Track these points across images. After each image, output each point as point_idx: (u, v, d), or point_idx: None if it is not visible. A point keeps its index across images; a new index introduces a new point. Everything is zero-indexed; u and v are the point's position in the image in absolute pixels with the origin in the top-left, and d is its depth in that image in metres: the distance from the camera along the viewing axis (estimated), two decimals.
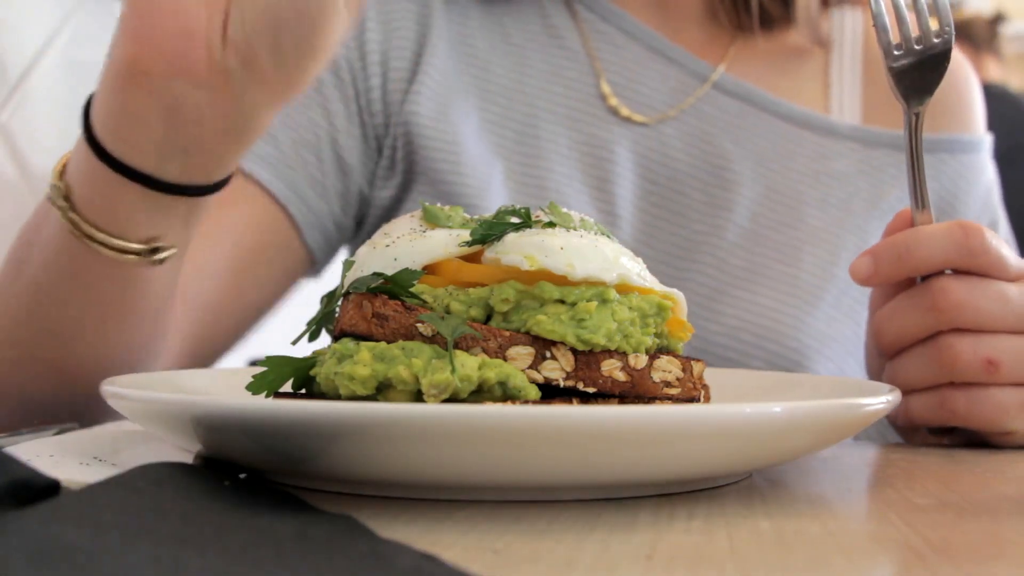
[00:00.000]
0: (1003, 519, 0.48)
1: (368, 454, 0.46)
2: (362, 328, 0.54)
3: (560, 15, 1.05)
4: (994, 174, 1.09)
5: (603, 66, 1.03)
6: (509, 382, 0.51)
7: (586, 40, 1.04)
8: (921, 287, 0.70)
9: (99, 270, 0.68)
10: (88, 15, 1.12)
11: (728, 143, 1.01)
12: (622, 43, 1.04)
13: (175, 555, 0.34)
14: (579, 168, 0.99)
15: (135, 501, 0.40)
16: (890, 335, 0.71)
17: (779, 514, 0.48)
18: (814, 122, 1.03)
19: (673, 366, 0.55)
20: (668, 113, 1.02)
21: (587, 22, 1.05)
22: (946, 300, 0.68)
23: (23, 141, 1.00)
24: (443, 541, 0.42)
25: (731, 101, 1.03)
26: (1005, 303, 0.68)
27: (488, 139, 0.99)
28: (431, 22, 1.01)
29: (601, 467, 0.47)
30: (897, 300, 0.71)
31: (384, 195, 1.00)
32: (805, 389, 0.67)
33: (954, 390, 0.69)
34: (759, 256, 0.96)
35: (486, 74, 1.02)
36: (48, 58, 1.05)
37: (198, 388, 0.66)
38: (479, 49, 1.03)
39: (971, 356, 0.68)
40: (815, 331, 0.92)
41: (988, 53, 3.37)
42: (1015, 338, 0.69)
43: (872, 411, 0.53)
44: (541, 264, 0.55)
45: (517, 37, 1.04)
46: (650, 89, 1.03)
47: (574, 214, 0.60)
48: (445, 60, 1.01)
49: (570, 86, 1.02)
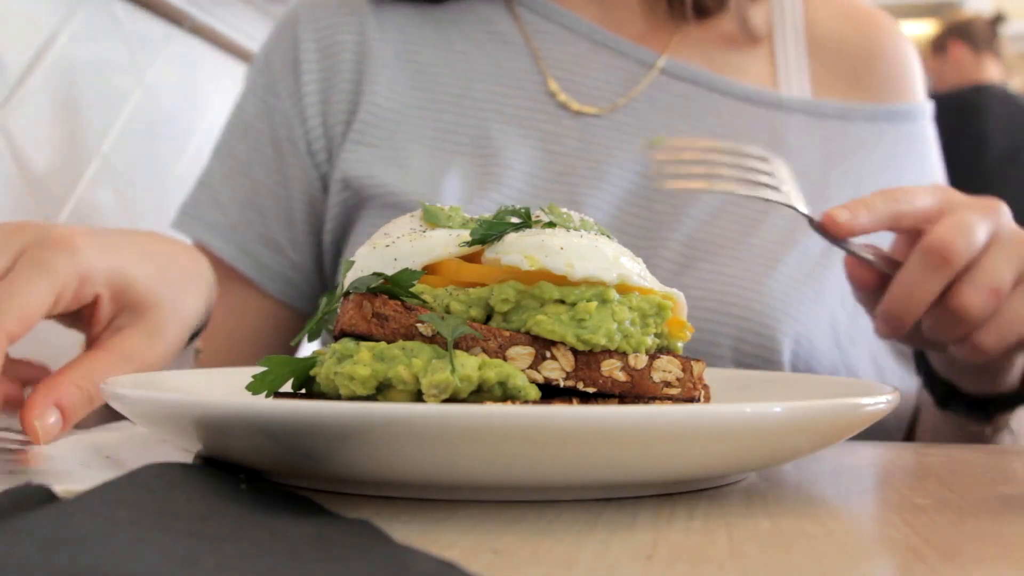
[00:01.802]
0: (1003, 519, 0.48)
1: (368, 454, 0.46)
2: (362, 328, 0.54)
3: (502, 19, 1.07)
4: (935, 139, 1.11)
5: (548, 64, 1.05)
6: (509, 382, 0.51)
7: (529, 40, 1.05)
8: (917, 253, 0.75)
9: None
10: (88, 15, 1.12)
11: (682, 125, 1.02)
12: (565, 39, 1.06)
13: (190, 549, 0.34)
14: (536, 164, 1.00)
15: (149, 500, 0.40)
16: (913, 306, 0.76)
17: (779, 514, 0.48)
18: (764, 98, 1.05)
19: (673, 366, 0.55)
20: (618, 103, 1.03)
21: (529, 23, 1.06)
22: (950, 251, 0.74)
23: (23, 141, 1.00)
24: (443, 541, 0.42)
25: (680, 85, 1.04)
26: (975, 229, 0.75)
27: (443, 147, 1.00)
28: (369, 49, 1.04)
29: (601, 467, 0.47)
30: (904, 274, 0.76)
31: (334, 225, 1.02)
32: (805, 389, 0.67)
33: (978, 332, 0.76)
34: (719, 229, 0.97)
35: (435, 84, 1.03)
36: (48, 58, 1.05)
37: (198, 388, 0.66)
38: (425, 62, 1.04)
39: (979, 300, 0.74)
40: (778, 293, 0.94)
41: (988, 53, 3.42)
42: (996, 254, 0.75)
43: (872, 411, 0.53)
44: (541, 264, 0.55)
45: (461, 45, 1.05)
46: (598, 81, 1.04)
47: (574, 214, 0.60)
48: (392, 79, 1.03)
49: (519, 86, 1.04)
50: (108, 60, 1.17)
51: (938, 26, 3.80)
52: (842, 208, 0.76)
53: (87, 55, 1.12)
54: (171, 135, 1.31)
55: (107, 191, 1.15)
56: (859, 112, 1.05)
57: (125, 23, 1.21)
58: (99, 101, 1.15)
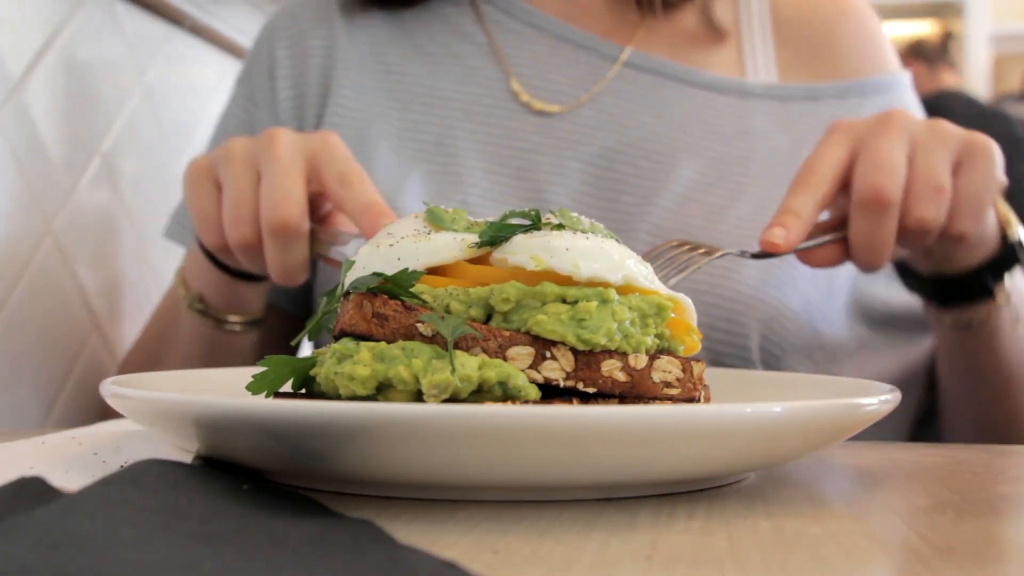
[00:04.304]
0: (1003, 519, 0.48)
1: (368, 454, 0.46)
2: (362, 328, 0.54)
3: (466, 19, 1.07)
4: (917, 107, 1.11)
5: (511, 62, 1.05)
6: (509, 382, 0.51)
7: (493, 39, 1.06)
8: (856, 209, 0.77)
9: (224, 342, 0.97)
10: (88, 15, 1.12)
11: (647, 117, 1.03)
12: (528, 36, 1.06)
13: (191, 553, 0.34)
14: (498, 162, 1.01)
15: (151, 501, 0.40)
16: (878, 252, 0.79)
17: (779, 514, 0.48)
18: (729, 86, 1.05)
19: (673, 366, 0.55)
20: (582, 99, 1.04)
21: (495, 22, 1.07)
22: (882, 194, 0.76)
23: (23, 141, 1.00)
24: (443, 541, 0.42)
25: (644, 76, 1.04)
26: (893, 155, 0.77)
27: (408, 145, 1.01)
28: (336, 53, 1.05)
29: (601, 467, 0.47)
30: (855, 232, 0.79)
31: None
32: (804, 389, 0.67)
33: (951, 224, 0.79)
34: (689, 218, 0.98)
35: (402, 83, 1.05)
36: (48, 58, 1.05)
37: (198, 388, 0.66)
38: (393, 61, 1.06)
39: (931, 208, 0.77)
40: (748, 277, 0.94)
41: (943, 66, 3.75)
42: (923, 159, 0.78)
43: (871, 411, 0.53)
44: (547, 264, 0.55)
45: (428, 46, 1.07)
46: (561, 76, 1.05)
47: (584, 220, 0.60)
48: (359, 81, 1.04)
49: (483, 85, 1.04)
50: (108, 60, 1.17)
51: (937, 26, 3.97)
52: (774, 227, 0.77)
53: (87, 55, 1.12)
54: (171, 135, 1.31)
55: (107, 191, 1.15)
56: (827, 91, 1.06)
57: (125, 23, 1.21)
58: (99, 101, 1.15)
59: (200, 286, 0.95)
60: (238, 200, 0.81)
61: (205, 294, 0.95)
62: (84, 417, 1.07)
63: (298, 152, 0.81)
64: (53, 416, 1.05)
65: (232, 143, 0.84)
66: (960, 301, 0.88)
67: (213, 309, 0.96)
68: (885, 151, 0.77)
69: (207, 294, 0.95)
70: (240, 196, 0.81)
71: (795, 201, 0.78)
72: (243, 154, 0.82)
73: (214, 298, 0.96)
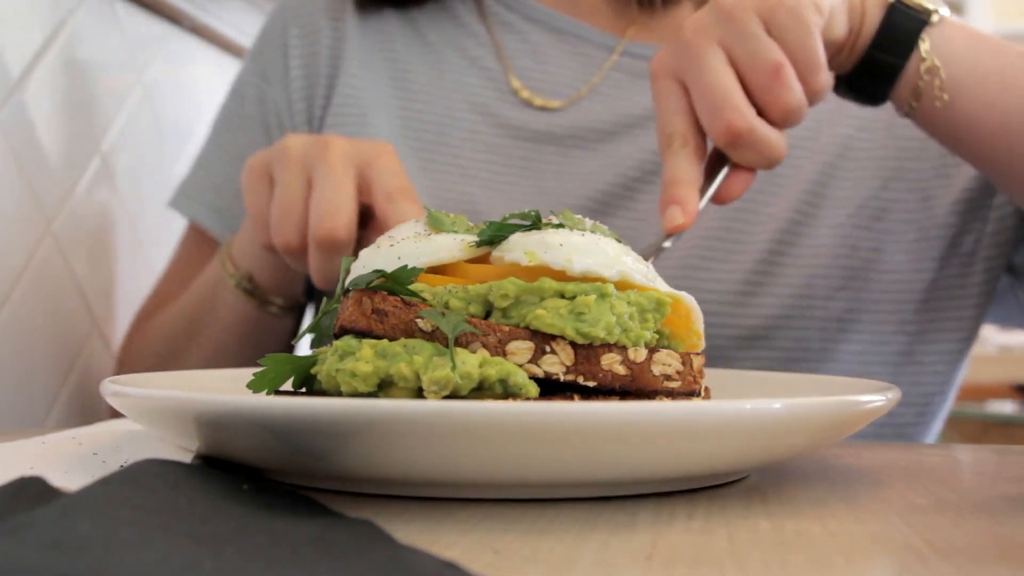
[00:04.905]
0: (1003, 519, 0.48)
1: (369, 451, 0.46)
2: (362, 324, 0.54)
3: (469, 12, 1.08)
4: None
5: (510, 57, 1.06)
6: (510, 380, 0.51)
7: (493, 33, 1.07)
8: (713, 136, 0.74)
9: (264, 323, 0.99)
10: (88, 15, 1.12)
11: (647, 102, 1.02)
12: (526, 30, 1.07)
13: (191, 553, 0.34)
14: (499, 155, 1.02)
15: (151, 501, 0.40)
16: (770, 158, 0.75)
17: (779, 514, 0.48)
18: None
19: (673, 359, 0.55)
20: (581, 91, 1.04)
21: (494, 15, 1.08)
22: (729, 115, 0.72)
23: (23, 141, 1.00)
24: (443, 541, 0.42)
25: (642, 64, 1.05)
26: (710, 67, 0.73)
27: (410, 135, 1.03)
28: (346, 34, 1.06)
29: (602, 463, 0.47)
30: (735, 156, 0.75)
31: None
32: (804, 387, 0.67)
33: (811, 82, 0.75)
34: None
35: (407, 74, 1.06)
36: (48, 58, 1.05)
37: (198, 387, 0.66)
38: (399, 51, 1.07)
39: (788, 95, 0.73)
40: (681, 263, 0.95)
41: None
42: (747, 41, 0.73)
43: (871, 408, 0.53)
44: (540, 259, 0.55)
45: (432, 36, 1.08)
46: (559, 69, 1.05)
47: (587, 220, 0.60)
48: (366, 64, 1.05)
49: (484, 78, 1.05)
50: (107, 59, 1.17)
51: None
52: (668, 208, 0.74)
53: (86, 54, 1.12)
54: (171, 134, 1.31)
55: (107, 191, 1.15)
56: None
57: (125, 22, 1.21)
58: (99, 101, 1.15)
59: (250, 265, 0.96)
60: (286, 205, 0.81)
61: (255, 274, 0.96)
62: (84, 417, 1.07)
63: (350, 162, 0.81)
64: (53, 416, 1.04)
65: (289, 141, 0.83)
66: (882, 87, 0.82)
67: (260, 289, 0.97)
68: (707, 80, 0.73)
69: (257, 273, 0.96)
70: (289, 201, 0.81)
71: (673, 169, 0.75)
72: (298, 156, 0.82)
73: (264, 277, 0.96)
